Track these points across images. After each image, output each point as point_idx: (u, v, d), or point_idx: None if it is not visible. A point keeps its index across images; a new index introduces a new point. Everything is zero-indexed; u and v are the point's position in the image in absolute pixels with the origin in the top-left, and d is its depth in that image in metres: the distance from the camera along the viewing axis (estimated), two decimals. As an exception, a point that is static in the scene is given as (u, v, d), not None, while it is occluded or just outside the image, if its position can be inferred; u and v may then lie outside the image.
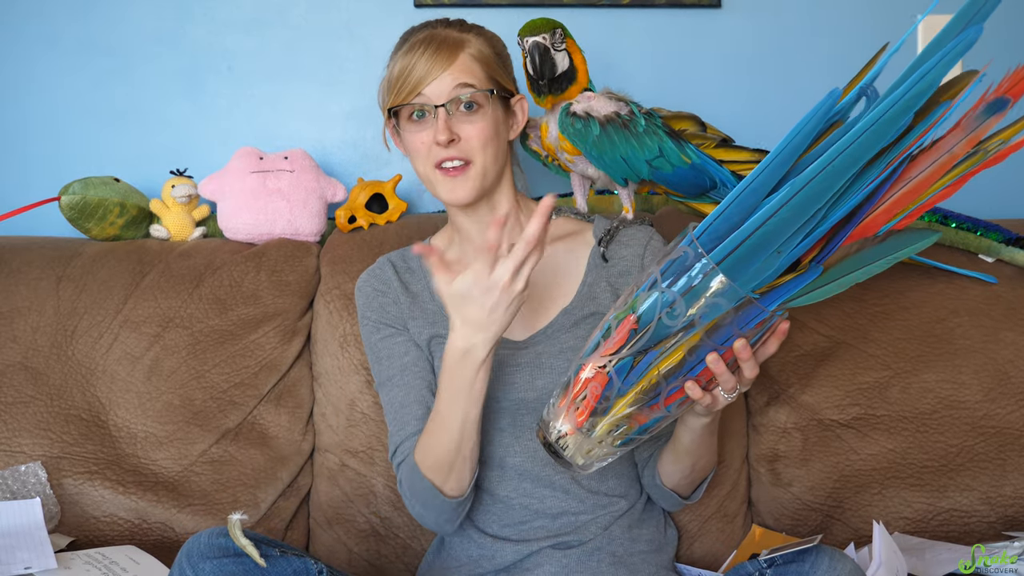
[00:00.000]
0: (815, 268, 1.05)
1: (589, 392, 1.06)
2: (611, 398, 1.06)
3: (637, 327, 1.04)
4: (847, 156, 1.01)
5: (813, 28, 1.89)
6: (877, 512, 1.49)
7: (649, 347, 1.04)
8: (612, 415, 1.07)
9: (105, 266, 1.62)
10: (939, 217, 1.63)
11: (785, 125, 1.84)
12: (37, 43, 1.82)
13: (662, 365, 1.05)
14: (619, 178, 1.42)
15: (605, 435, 1.08)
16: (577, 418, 1.07)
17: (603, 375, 1.06)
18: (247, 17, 1.84)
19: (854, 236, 1.06)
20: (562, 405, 1.09)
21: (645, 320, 1.04)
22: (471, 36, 1.34)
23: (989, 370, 1.56)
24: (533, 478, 1.32)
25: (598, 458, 1.11)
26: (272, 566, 1.12)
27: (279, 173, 1.68)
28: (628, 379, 1.05)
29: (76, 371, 1.54)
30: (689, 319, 1.02)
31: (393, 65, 1.34)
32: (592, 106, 1.39)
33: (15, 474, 1.45)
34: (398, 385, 1.34)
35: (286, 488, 1.52)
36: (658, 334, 1.03)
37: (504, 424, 1.32)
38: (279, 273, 1.61)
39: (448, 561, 1.36)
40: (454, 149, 1.30)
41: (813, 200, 1.01)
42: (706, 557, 1.48)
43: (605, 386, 1.06)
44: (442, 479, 1.24)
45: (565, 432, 1.09)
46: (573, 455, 1.10)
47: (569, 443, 1.09)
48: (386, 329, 1.38)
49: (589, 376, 1.07)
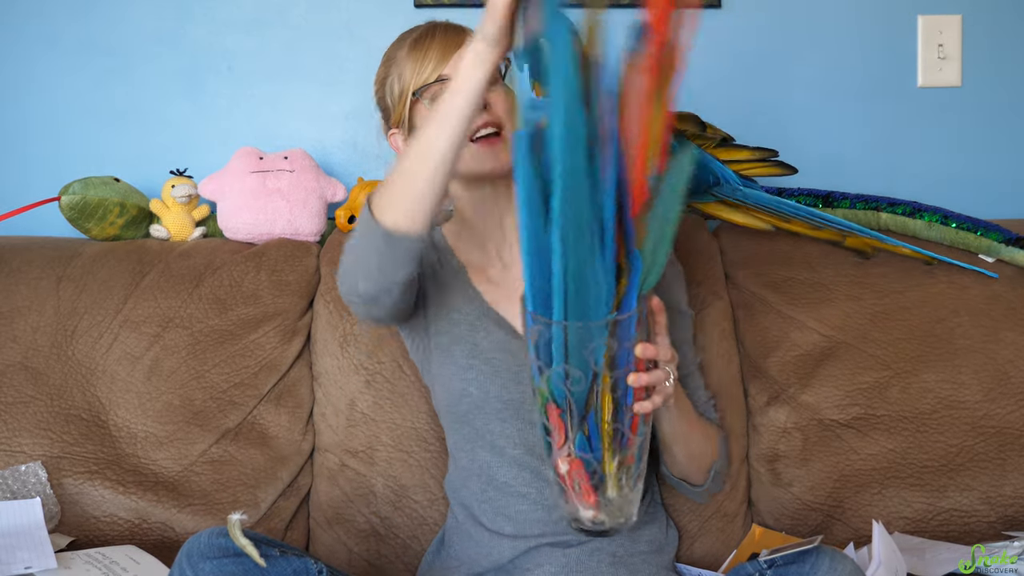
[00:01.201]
0: (636, 258, 1.05)
1: (578, 478, 1.10)
2: (596, 468, 1.09)
3: (561, 410, 1.08)
4: (566, 156, 1.00)
5: (813, 28, 1.89)
6: (877, 512, 1.49)
7: (584, 414, 1.07)
8: (609, 476, 1.10)
9: (105, 266, 1.62)
10: (939, 217, 1.63)
11: (785, 125, 1.87)
12: (37, 43, 1.82)
13: (605, 416, 1.08)
14: None
15: (618, 490, 1.11)
16: (588, 500, 1.11)
17: (575, 460, 1.09)
18: (247, 17, 1.84)
19: (635, 206, 1.04)
20: (571, 501, 1.12)
21: (561, 400, 1.07)
22: (469, 30, 1.36)
23: (989, 370, 1.56)
24: (531, 470, 1.32)
25: (630, 502, 1.13)
26: (272, 566, 1.12)
27: (279, 173, 1.69)
28: (594, 447, 1.09)
29: (76, 371, 1.54)
30: (588, 372, 1.05)
31: (401, 65, 1.35)
32: None
33: (15, 474, 1.45)
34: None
35: (286, 488, 1.52)
36: (580, 401, 1.07)
37: (507, 415, 1.32)
38: (279, 273, 1.61)
39: (448, 560, 1.36)
40: (487, 115, 1.30)
41: (577, 206, 1.01)
42: (706, 557, 1.48)
43: (584, 465, 1.09)
44: (388, 207, 1.16)
45: (592, 515, 1.12)
46: (614, 522, 1.12)
47: (603, 518, 1.12)
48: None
49: (567, 468, 1.10)
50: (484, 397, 1.32)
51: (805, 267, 1.64)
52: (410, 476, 1.50)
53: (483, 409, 1.33)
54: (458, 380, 1.34)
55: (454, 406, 1.36)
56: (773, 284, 1.63)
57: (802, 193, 1.64)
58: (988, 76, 1.92)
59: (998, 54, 1.92)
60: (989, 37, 1.91)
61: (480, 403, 1.33)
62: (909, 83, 1.91)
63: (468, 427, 1.35)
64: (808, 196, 1.63)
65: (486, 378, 1.32)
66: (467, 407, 1.34)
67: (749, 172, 1.53)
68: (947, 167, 1.91)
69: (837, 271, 1.64)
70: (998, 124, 1.92)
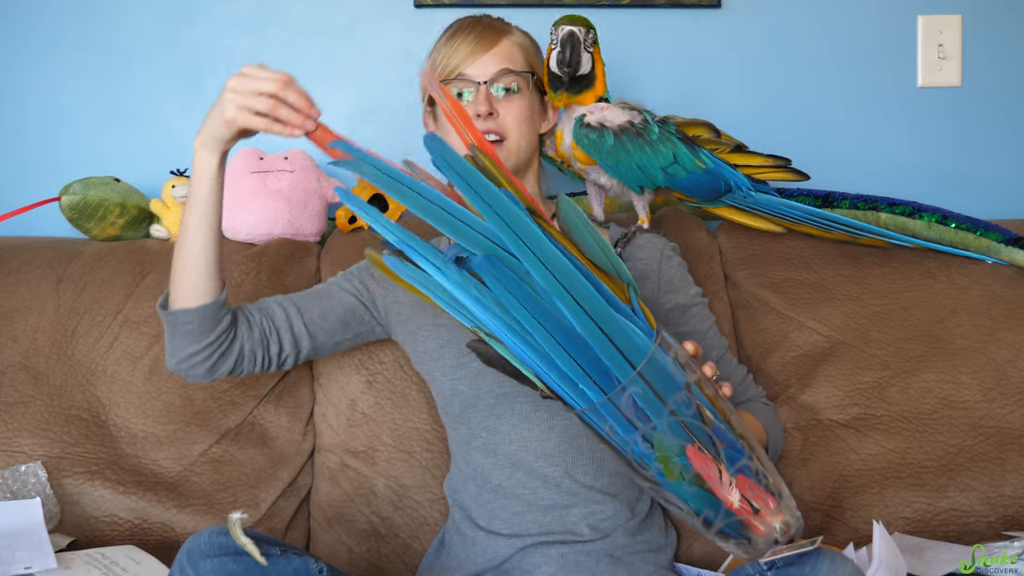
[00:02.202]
0: (623, 275, 1.07)
1: (750, 494, 1.02)
2: (751, 466, 1.03)
3: (699, 443, 1.02)
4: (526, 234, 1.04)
5: (813, 28, 1.89)
6: (877, 512, 1.49)
7: (713, 435, 1.02)
8: (763, 467, 1.04)
9: (105, 266, 1.62)
10: (939, 217, 1.63)
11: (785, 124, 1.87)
12: (37, 43, 1.82)
13: (722, 414, 1.04)
14: (635, 186, 1.43)
15: (775, 477, 1.05)
16: (770, 506, 1.03)
17: (738, 479, 1.02)
18: (247, 17, 1.84)
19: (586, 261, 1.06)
20: (758, 530, 1.02)
21: (687, 436, 1.01)
22: (513, 28, 1.43)
23: (988, 370, 1.56)
24: (526, 469, 1.32)
25: (786, 493, 1.06)
26: (272, 565, 1.12)
27: (279, 173, 1.69)
28: (738, 448, 1.03)
29: (76, 371, 1.54)
30: (685, 396, 1.02)
31: (436, 53, 1.41)
32: (606, 116, 1.40)
33: (15, 474, 1.45)
34: (316, 289, 1.43)
35: (286, 488, 1.52)
36: (696, 422, 1.02)
37: (501, 411, 1.33)
38: (279, 273, 1.61)
39: (448, 560, 1.37)
40: (492, 122, 1.36)
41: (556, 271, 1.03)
42: (706, 557, 1.48)
43: (745, 473, 1.02)
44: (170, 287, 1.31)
45: (780, 522, 1.03)
46: (792, 516, 1.04)
47: (787, 517, 1.04)
48: (354, 284, 1.42)
49: (738, 497, 1.02)
50: (476, 394, 1.33)
51: (805, 267, 1.64)
52: (411, 476, 1.50)
53: (476, 407, 1.34)
54: (448, 380, 1.36)
55: (448, 406, 1.37)
56: (773, 284, 1.63)
57: (802, 193, 1.64)
58: (988, 76, 1.92)
59: (998, 54, 1.92)
60: (989, 37, 1.91)
61: (472, 400, 1.34)
62: (909, 83, 1.91)
63: (464, 426, 1.36)
64: (808, 196, 1.63)
65: (476, 375, 1.33)
66: (460, 406, 1.35)
67: (761, 176, 1.53)
68: (947, 167, 1.92)
69: (837, 271, 1.64)
70: (998, 124, 1.93)
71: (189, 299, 1.28)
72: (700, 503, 1.02)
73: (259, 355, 1.35)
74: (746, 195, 1.53)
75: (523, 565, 1.31)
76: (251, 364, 1.35)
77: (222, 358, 1.32)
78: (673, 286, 1.40)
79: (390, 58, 1.84)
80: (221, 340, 1.30)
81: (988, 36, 1.92)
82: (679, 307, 1.40)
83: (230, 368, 1.33)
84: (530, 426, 1.32)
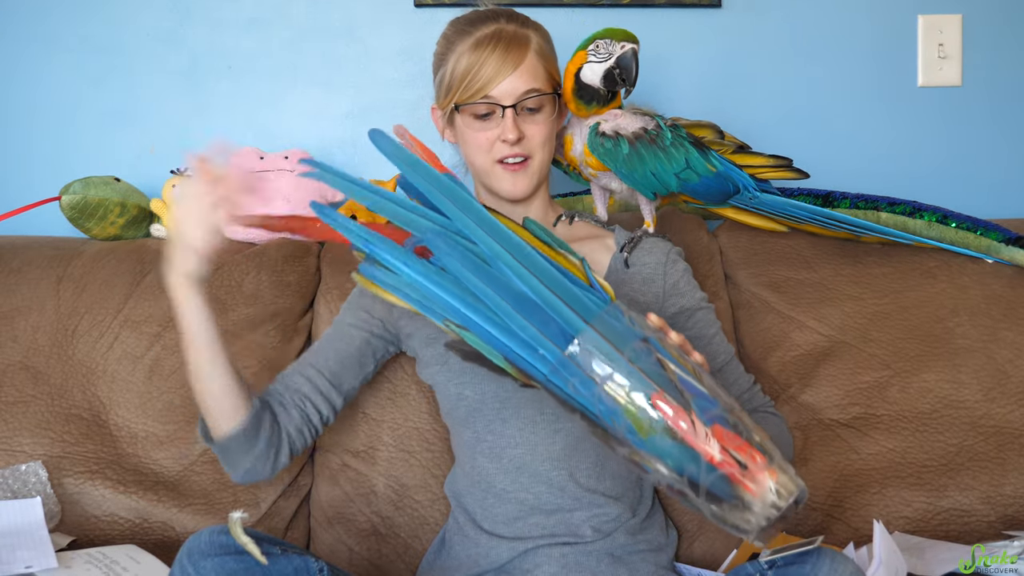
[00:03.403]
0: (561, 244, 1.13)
1: (731, 445, 0.98)
2: (726, 416, 0.99)
3: (664, 391, 1.00)
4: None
5: (813, 28, 1.89)
6: (877, 512, 1.49)
7: (680, 385, 1.00)
8: (743, 419, 1.01)
9: (106, 266, 1.62)
10: (939, 217, 1.63)
11: (785, 124, 1.87)
12: (37, 43, 1.82)
13: (683, 362, 1.03)
14: (648, 192, 1.43)
15: (763, 434, 1.01)
16: (757, 461, 0.98)
17: (714, 428, 0.98)
18: (247, 17, 1.84)
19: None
20: (749, 490, 0.97)
21: (649, 385, 1.00)
22: (531, 32, 1.37)
23: (988, 370, 1.57)
24: (530, 472, 1.32)
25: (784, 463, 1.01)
26: (273, 564, 1.12)
27: (280, 173, 1.69)
28: (704, 401, 1.00)
29: (77, 371, 1.54)
30: (642, 346, 1.03)
31: (457, 59, 1.35)
32: (620, 124, 1.39)
33: (15, 473, 1.45)
34: (327, 336, 1.42)
35: (286, 488, 1.52)
36: (658, 376, 1.01)
37: (507, 415, 1.33)
38: (280, 273, 1.61)
39: (448, 560, 1.37)
40: (518, 147, 1.35)
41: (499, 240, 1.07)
42: (706, 557, 1.48)
43: (722, 424, 0.98)
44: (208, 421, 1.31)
45: (775, 485, 0.98)
46: (795, 482, 1.00)
47: (783, 478, 0.99)
48: (358, 316, 1.41)
49: (717, 447, 0.98)
50: (481, 399, 1.33)
51: (805, 267, 1.64)
52: (411, 476, 1.50)
53: (481, 411, 1.33)
54: (454, 385, 1.35)
55: (453, 410, 1.37)
56: (773, 284, 1.63)
57: (802, 193, 1.64)
58: (988, 76, 1.92)
59: (998, 54, 1.92)
60: (989, 37, 1.92)
61: (478, 405, 1.33)
62: (909, 83, 1.91)
63: (469, 430, 1.36)
64: (808, 196, 1.64)
65: (481, 379, 1.33)
66: (466, 411, 1.35)
67: (764, 175, 1.54)
68: (947, 167, 1.92)
69: (837, 271, 1.64)
70: (998, 124, 1.93)
71: (229, 422, 1.28)
72: (679, 459, 0.98)
73: (305, 432, 1.36)
74: (752, 196, 1.53)
75: (524, 565, 1.31)
76: (302, 442, 1.36)
77: (278, 454, 1.33)
78: (678, 290, 1.40)
79: (390, 58, 1.84)
80: (271, 439, 1.31)
81: (988, 36, 1.92)
82: (684, 311, 1.39)
83: (288, 457, 1.35)
84: (536, 430, 1.32)
